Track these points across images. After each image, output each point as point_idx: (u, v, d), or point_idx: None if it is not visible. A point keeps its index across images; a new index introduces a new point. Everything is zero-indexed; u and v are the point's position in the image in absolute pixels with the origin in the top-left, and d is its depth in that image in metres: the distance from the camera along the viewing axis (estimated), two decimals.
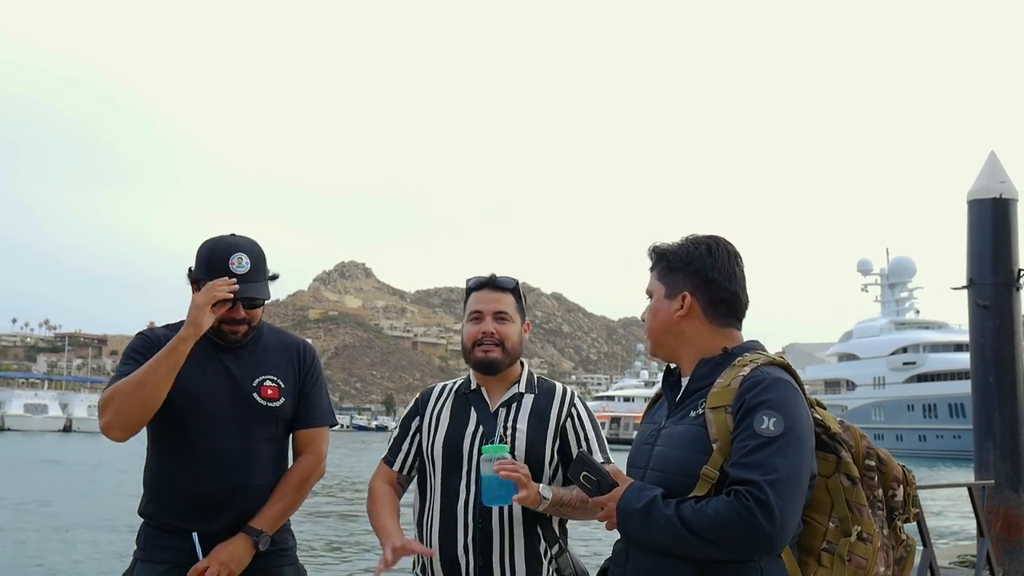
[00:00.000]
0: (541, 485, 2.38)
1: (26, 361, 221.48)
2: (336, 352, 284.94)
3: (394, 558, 2.36)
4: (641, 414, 2.28)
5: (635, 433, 2.29)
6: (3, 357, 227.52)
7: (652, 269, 2.19)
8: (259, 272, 2.65)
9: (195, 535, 2.48)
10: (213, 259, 2.63)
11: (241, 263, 2.62)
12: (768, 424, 1.84)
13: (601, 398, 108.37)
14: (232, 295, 2.53)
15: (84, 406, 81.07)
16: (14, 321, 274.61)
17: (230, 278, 2.56)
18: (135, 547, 2.62)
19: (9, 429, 71.12)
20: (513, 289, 2.65)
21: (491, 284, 2.64)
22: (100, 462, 31.86)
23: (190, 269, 2.69)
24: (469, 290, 2.68)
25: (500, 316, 2.60)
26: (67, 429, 74.52)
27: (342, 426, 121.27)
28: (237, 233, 2.71)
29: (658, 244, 2.19)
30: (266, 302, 2.69)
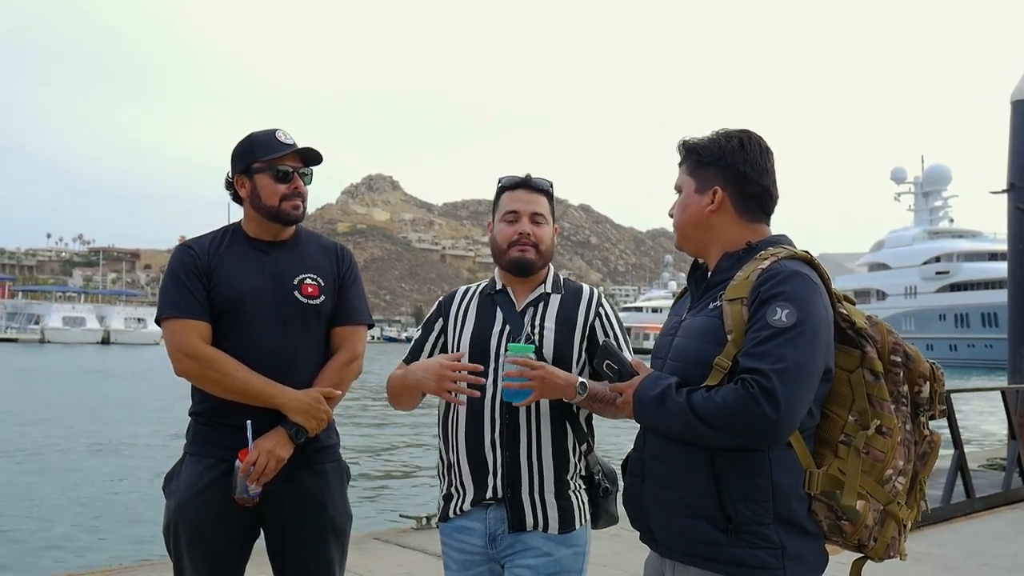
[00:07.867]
0: (578, 378, 2.33)
1: (62, 275, 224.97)
2: (365, 265, 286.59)
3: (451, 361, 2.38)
4: (660, 326, 2.28)
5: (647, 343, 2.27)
6: (39, 272, 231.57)
7: (681, 164, 2.16)
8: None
9: (248, 423, 2.50)
10: (257, 139, 2.68)
11: (287, 136, 2.70)
12: (781, 315, 1.83)
13: (629, 309, 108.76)
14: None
15: (121, 318, 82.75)
16: (48, 236, 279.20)
17: (281, 146, 2.64)
18: (184, 441, 2.68)
19: (49, 341, 72.80)
20: (547, 191, 2.60)
21: (526, 184, 2.58)
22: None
23: (229, 176, 2.71)
24: (502, 188, 2.61)
25: (536, 218, 2.56)
26: (105, 341, 76.19)
27: (373, 338, 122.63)
28: None
29: (688, 138, 2.15)
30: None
